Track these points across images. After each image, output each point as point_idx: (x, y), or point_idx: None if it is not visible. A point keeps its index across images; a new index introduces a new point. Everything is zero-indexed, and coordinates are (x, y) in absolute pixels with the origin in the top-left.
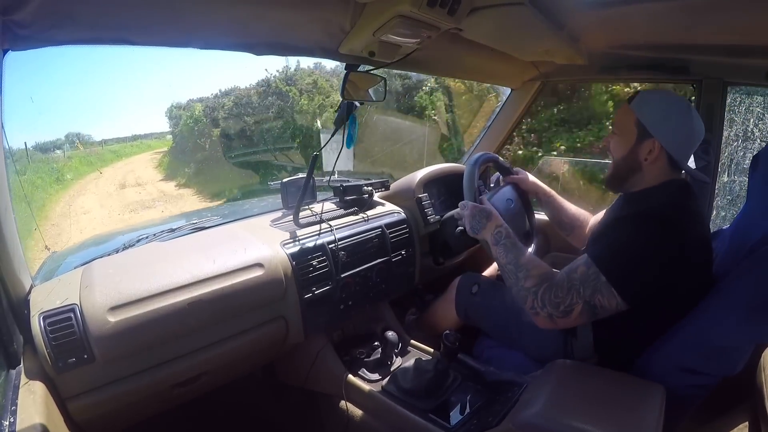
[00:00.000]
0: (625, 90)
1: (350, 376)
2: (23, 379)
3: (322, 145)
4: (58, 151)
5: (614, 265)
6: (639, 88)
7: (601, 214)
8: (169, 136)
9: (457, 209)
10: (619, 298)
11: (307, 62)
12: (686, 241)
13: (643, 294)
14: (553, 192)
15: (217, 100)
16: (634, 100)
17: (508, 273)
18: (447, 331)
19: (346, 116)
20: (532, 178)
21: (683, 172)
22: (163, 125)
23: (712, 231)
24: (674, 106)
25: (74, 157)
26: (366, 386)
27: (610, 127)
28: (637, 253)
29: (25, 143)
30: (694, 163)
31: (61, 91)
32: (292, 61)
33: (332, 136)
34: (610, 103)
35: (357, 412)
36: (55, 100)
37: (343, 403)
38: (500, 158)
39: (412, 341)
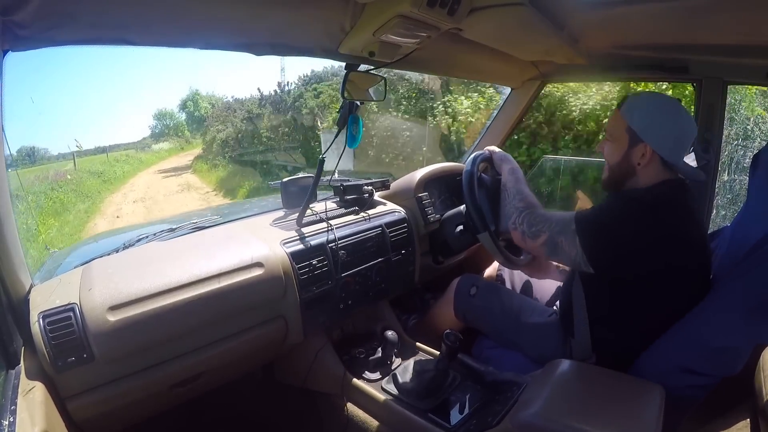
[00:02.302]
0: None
1: (350, 375)
2: (23, 378)
3: (327, 147)
4: None
5: (587, 222)
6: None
7: None
8: (161, 145)
9: (461, 207)
10: (580, 248)
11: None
12: (667, 234)
13: (605, 260)
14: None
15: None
16: (623, 106)
17: (508, 194)
18: (448, 331)
19: (347, 116)
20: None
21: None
22: (139, 131)
23: (712, 230)
24: (662, 109)
25: (27, 191)
26: (365, 386)
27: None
28: (612, 222)
29: None
30: (694, 161)
31: None
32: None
33: (336, 136)
34: None
35: (356, 411)
36: None
37: (342, 402)
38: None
39: (412, 340)
